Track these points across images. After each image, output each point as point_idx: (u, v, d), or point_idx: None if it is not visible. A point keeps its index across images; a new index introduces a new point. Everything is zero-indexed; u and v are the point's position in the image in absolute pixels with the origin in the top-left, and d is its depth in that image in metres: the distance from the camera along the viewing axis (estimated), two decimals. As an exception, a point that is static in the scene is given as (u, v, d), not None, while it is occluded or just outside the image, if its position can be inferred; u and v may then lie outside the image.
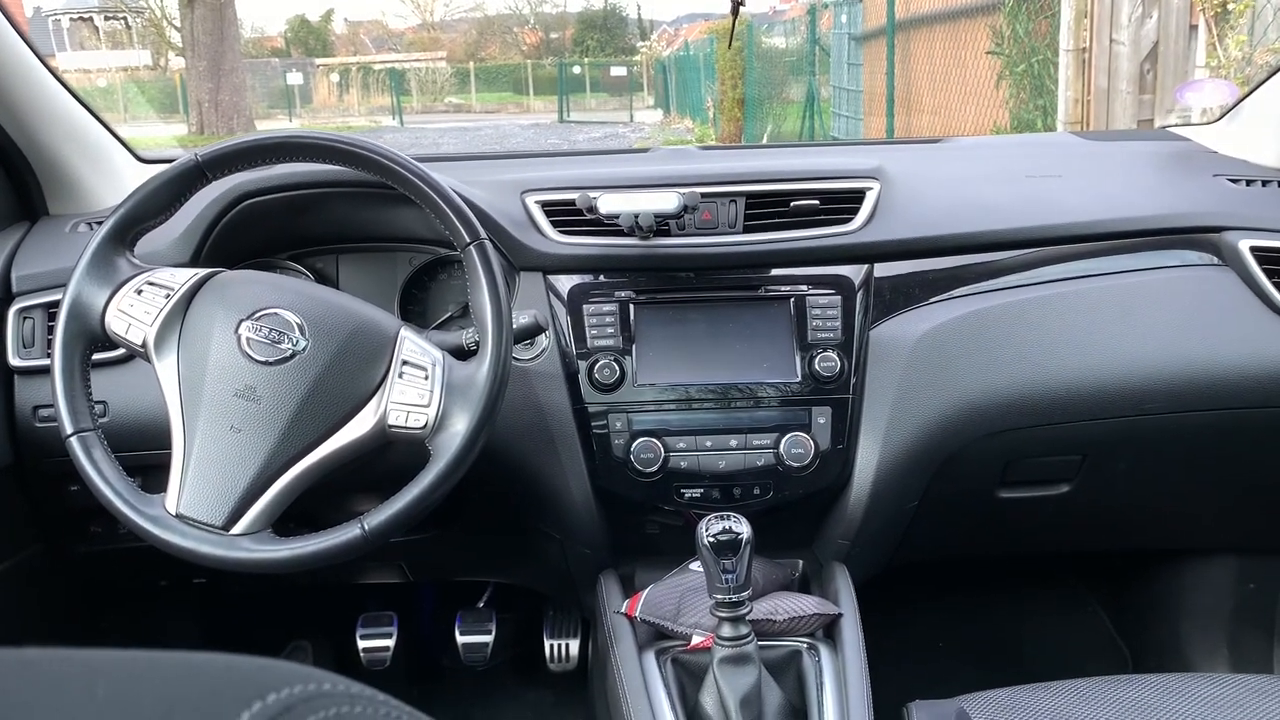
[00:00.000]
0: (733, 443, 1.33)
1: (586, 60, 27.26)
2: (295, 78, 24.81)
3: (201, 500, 1.06)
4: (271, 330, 1.08)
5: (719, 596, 1.13)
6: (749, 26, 12.91)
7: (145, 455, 1.26)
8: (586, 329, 1.36)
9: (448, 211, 1.14)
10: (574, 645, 1.86)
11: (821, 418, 1.34)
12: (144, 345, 1.10)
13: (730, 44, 9.42)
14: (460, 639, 1.89)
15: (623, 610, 1.30)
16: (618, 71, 25.41)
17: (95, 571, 1.56)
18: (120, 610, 1.75)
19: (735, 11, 1.35)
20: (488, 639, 1.90)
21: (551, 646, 1.87)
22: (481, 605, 1.95)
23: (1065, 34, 5.55)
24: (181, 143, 14.35)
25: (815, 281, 1.38)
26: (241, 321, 1.09)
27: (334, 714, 0.30)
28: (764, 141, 11.62)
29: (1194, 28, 5.01)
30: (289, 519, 1.10)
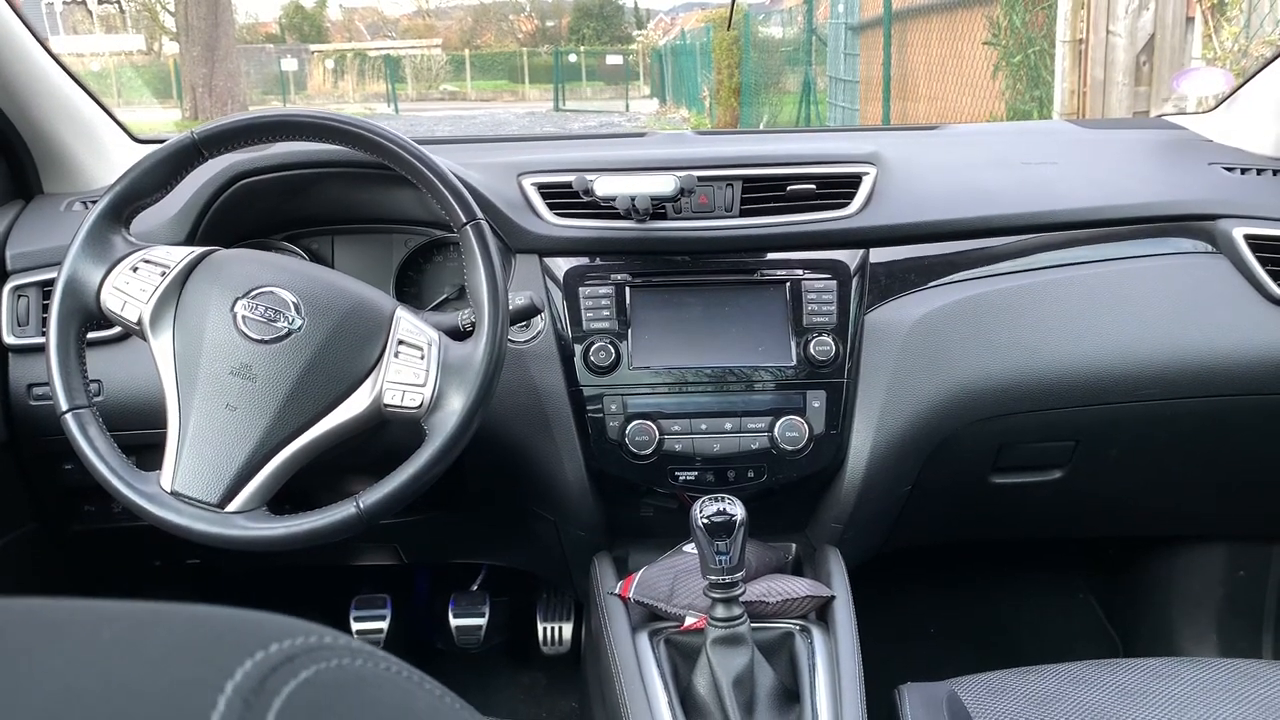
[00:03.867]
0: (727, 426, 1.34)
1: (582, 49, 27.17)
2: (290, 64, 24.71)
3: (197, 478, 1.06)
4: (267, 309, 1.08)
5: (712, 578, 1.13)
6: (746, 16, 12.88)
7: (139, 434, 1.26)
8: (582, 311, 1.36)
9: (444, 192, 1.14)
10: (567, 629, 1.87)
11: (816, 401, 1.34)
12: (139, 323, 1.10)
13: (729, 26, 9.39)
14: (454, 621, 1.90)
15: (616, 591, 1.31)
16: (614, 60, 25.34)
17: (88, 551, 1.57)
18: (113, 590, 1.75)
19: (733, -4, 1.35)
20: (481, 622, 1.90)
21: (544, 629, 1.88)
22: (475, 588, 1.96)
23: (1062, 25, 5.56)
24: (178, 127, 14.32)
25: (811, 266, 1.38)
26: (237, 300, 1.09)
27: (335, 665, 0.30)
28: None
29: (1190, 20, 5.01)
30: (283, 499, 1.10)
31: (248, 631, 0.30)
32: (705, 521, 1.12)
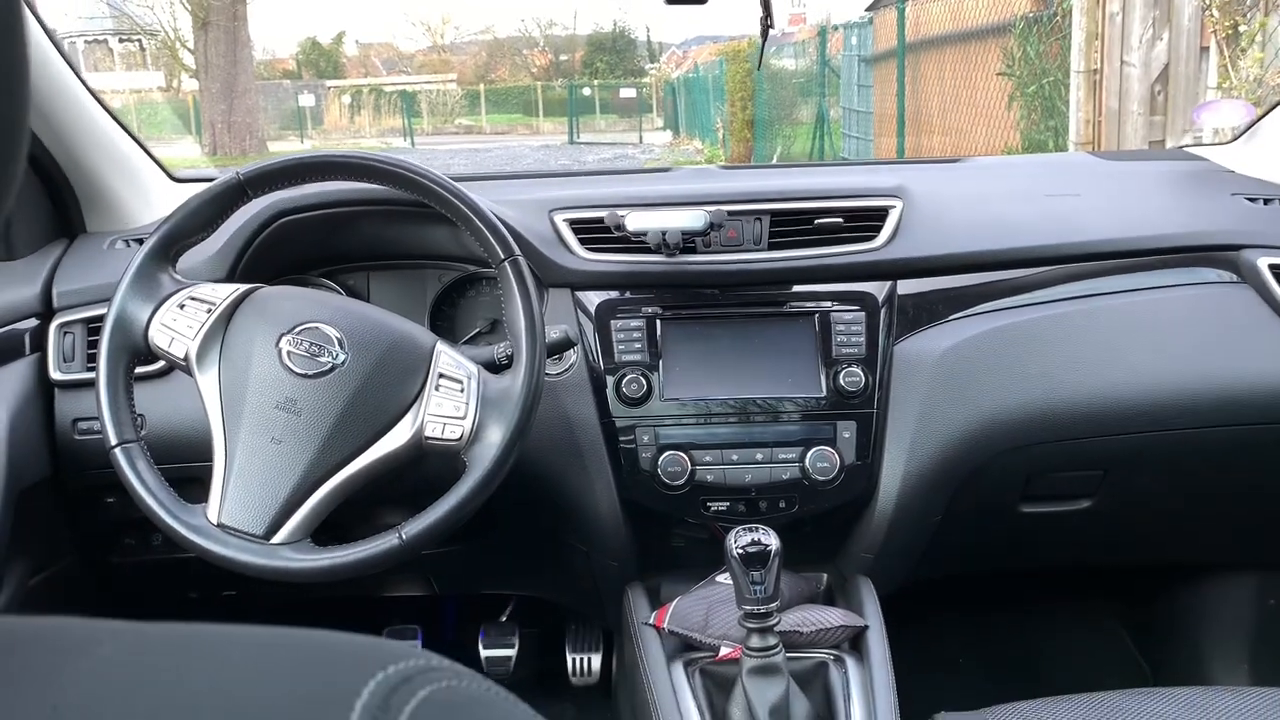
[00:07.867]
0: (758, 456, 1.35)
1: (596, 82, 27.39)
2: (307, 99, 25.00)
3: (242, 510, 1.08)
4: (312, 344, 1.11)
5: (748, 608, 1.14)
6: (759, 48, 12.96)
7: (181, 467, 1.28)
8: (614, 344, 1.38)
9: (483, 229, 1.16)
10: (596, 659, 1.87)
11: (846, 432, 1.35)
12: (186, 359, 1.12)
13: (759, 66, 9.54)
14: (484, 652, 1.91)
15: (651, 622, 1.32)
16: (627, 93, 25.52)
17: (126, 583, 1.58)
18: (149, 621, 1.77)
19: (765, 35, 1.38)
20: (511, 653, 1.91)
21: (573, 660, 1.88)
22: (505, 619, 1.97)
23: (1076, 55, 5.59)
24: (210, 162, 14.59)
25: (839, 298, 1.40)
26: (282, 335, 1.11)
27: (445, 686, 0.32)
28: (774, 162, 11.68)
29: (1205, 49, 5.04)
30: (318, 531, 1.12)
31: (365, 654, 0.32)
32: (740, 552, 1.13)
